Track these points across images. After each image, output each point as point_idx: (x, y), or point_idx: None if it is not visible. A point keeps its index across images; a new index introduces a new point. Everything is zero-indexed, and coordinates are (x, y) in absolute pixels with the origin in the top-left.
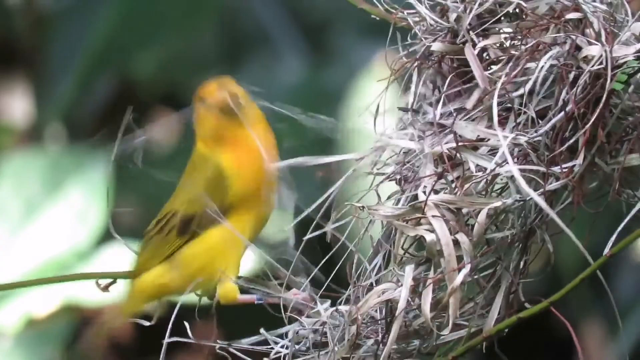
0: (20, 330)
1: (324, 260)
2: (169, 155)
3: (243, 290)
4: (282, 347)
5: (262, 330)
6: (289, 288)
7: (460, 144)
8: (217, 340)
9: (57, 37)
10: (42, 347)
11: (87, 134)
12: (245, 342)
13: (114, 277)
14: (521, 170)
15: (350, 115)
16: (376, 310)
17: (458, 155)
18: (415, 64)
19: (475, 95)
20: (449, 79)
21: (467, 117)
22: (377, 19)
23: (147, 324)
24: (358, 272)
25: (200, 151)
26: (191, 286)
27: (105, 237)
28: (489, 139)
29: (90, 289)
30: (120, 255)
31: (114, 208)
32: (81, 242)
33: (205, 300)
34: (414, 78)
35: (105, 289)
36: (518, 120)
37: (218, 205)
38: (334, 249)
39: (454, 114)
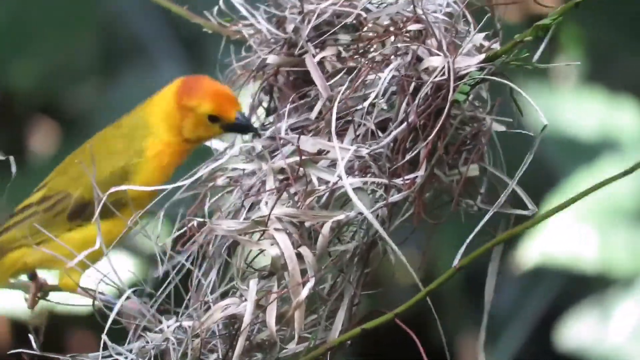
0: None
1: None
2: (46, 164)
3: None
4: None
5: (106, 339)
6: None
7: (303, 157)
8: (64, 354)
9: None
10: None
11: None
12: (92, 357)
13: None
14: (363, 182)
15: None
16: (218, 325)
17: (300, 168)
18: (250, 76)
19: (319, 105)
20: (293, 94)
21: (308, 129)
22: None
23: None
24: (197, 287)
25: (142, 126)
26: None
27: None
28: (329, 152)
29: None
30: None
31: None
32: None
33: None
34: (250, 91)
35: None
36: (358, 132)
37: (114, 199)
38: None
39: (292, 127)
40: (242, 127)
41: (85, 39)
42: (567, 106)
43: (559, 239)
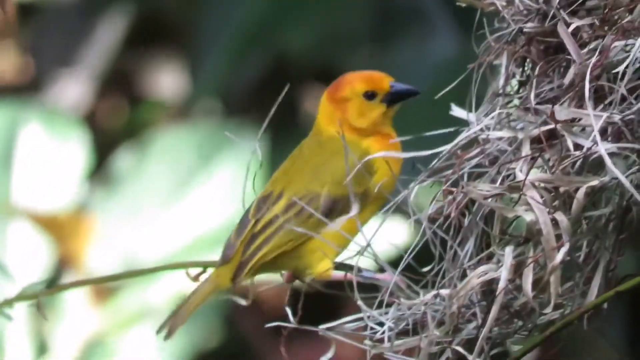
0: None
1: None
2: None
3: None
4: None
5: (362, 305)
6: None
7: (558, 125)
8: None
9: (209, 12)
10: (196, 323)
11: (239, 109)
12: (348, 327)
13: (205, 266)
14: (618, 148)
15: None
16: (476, 294)
17: (554, 135)
18: (505, 47)
19: (572, 72)
20: (543, 63)
21: (557, 96)
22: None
23: (243, 303)
24: (453, 255)
25: (331, 133)
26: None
27: None
28: (581, 119)
29: None
30: None
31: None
32: (233, 216)
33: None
34: (504, 62)
35: (196, 278)
36: (610, 99)
37: (362, 191)
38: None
39: (547, 95)
40: (401, 92)
41: (359, 6)
42: None
43: None
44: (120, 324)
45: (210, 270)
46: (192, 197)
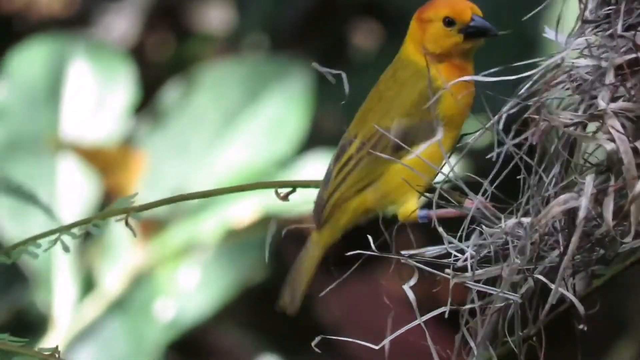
0: (220, 241)
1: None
2: (369, 60)
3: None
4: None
5: (443, 232)
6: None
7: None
8: (400, 252)
9: None
10: (242, 257)
11: (287, 43)
12: (429, 254)
13: (294, 185)
14: None
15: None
16: (559, 222)
17: (637, 63)
18: None
19: None
20: None
21: None
22: None
23: None
24: (536, 183)
25: (408, 53)
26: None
27: (306, 145)
28: None
29: (290, 198)
30: (321, 163)
31: (315, 114)
32: (280, 150)
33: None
34: None
35: (285, 198)
36: None
37: (429, 119)
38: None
39: (635, 22)
40: (479, 28)
41: None
42: None
43: None
44: (168, 259)
45: (299, 190)
46: (239, 132)
